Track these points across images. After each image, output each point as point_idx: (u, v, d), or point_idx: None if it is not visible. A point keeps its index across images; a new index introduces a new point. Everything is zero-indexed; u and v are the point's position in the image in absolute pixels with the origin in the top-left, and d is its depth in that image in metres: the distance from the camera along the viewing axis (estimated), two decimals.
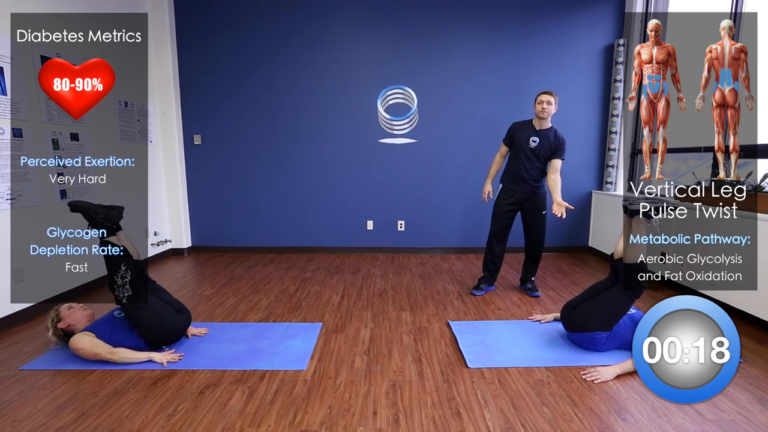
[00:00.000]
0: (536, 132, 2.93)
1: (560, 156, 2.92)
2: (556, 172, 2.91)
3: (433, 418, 1.66)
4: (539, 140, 2.91)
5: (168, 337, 2.20)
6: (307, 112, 4.25)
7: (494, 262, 3.13)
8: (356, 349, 2.24)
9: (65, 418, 1.66)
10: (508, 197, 3.03)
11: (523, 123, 3.02)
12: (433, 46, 4.16)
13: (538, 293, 3.10)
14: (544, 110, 2.86)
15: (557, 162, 2.92)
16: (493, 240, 3.11)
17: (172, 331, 2.22)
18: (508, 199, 3.03)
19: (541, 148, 2.91)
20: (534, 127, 2.95)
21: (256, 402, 1.76)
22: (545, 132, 2.92)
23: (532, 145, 2.92)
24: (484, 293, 3.15)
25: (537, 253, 3.12)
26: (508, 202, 3.03)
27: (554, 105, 2.87)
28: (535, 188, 3.00)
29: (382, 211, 4.40)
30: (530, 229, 3.08)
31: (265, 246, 4.48)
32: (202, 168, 4.35)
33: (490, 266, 3.14)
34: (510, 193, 3.03)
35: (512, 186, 3.02)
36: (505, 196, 3.05)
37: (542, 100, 2.86)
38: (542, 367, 2.04)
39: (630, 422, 1.62)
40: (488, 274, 3.16)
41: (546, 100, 2.84)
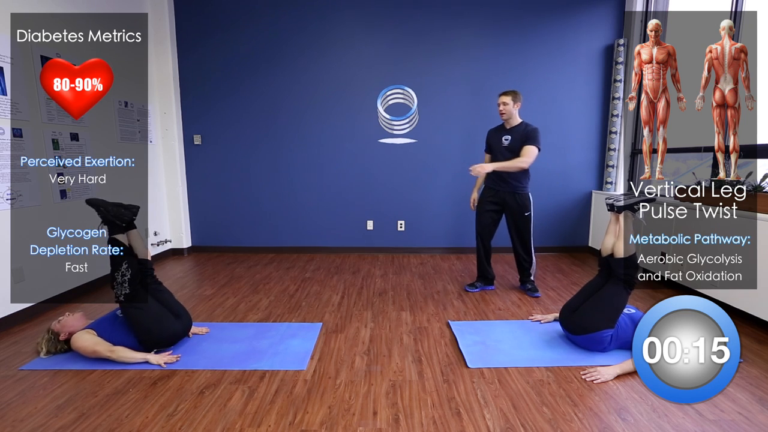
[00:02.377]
0: (507, 131, 3.03)
1: (531, 142, 2.93)
2: (523, 155, 2.92)
3: (433, 418, 1.66)
4: (511, 137, 2.99)
5: (160, 341, 2.16)
6: (307, 112, 4.25)
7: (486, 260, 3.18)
8: (356, 349, 2.24)
9: (65, 418, 1.66)
10: (489, 196, 3.09)
11: (495, 128, 3.14)
12: (433, 46, 4.16)
13: (538, 293, 3.11)
14: (502, 111, 2.97)
15: (527, 148, 2.92)
16: (478, 238, 3.17)
17: (165, 335, 2.17)
18: (490, 198, 3.09)
19: (514, 143, 2.97)
20: (505, 128, 3.05)
21: (256, 402, 1.76)
22: (515, 128, 3.00)
23: (505, 143, 3.00)
24: (478, 290, 3.18)
25: (524, 255, 3.13)
26: (490, 200, 3.09)
27: (512, 104, 2.94)
28: (516, 188, 3.01)
29: (382, 211, 4.40)
30: (514, 231, 3.10)
31: (265, 246, 4.48)
32: (202, 168, 4.35)
33: (484, 264, 3.19)
34: (491, 192, 3.09)
35: (493, 185, 3.07)
36: (487, 195, 3.11)
37: (499, 102, 2.98)
38: (542, 367, 2.04)
39: (630, 422, 1.62)
40: (481, 272, 3.22)
41: (502, 101, 2.96)
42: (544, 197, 4.38)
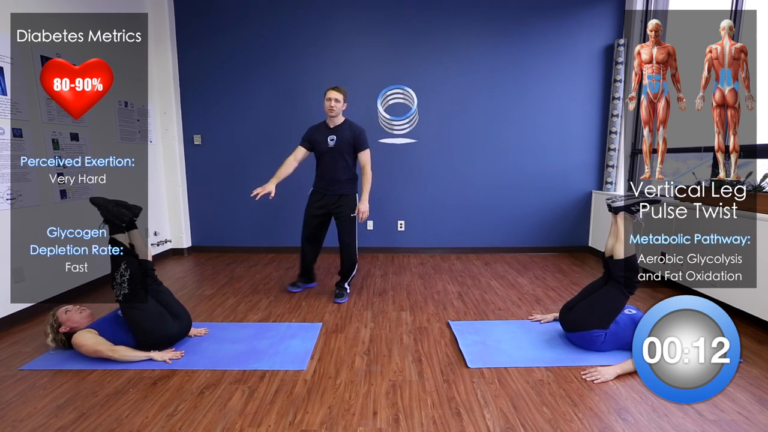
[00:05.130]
0: (331, 130, 2.90)
1: (363, 147, 2.88)
2: (365, 165, 2.88)
3: (433, 418, 1.66)
4: (336, 137, 2.87)
5: (158, 342, 2.15)
6: (307, 112, 4.24)
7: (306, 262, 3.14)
8: (356, 349, 2.24)
9: (65, 418, 1.66)
10: (317, 200, 2.99)
11: (317, 126, 2.98)
12: (433, 46, 4.16)
13: (343, 299, 2.96)
14: (332, 108, 2.81)
15: (363, 155, 2.89)
16: (304, 243, 3.09)
17: (163, 337, 2.17)
18: (317, 203, 2.99)
19: (342, 144, 2.87)
20: (328, 126, 2.92)
21: (256, 402, 1.76)
22: (340, 128, 2.89)
23: (330, 144, 2.88)
24: (301, 290, 3.16)
25: (347, 256, 3.02)
26: (318, 205, 2.99)
27: (342, 102, 2.83)
28: (345, 191, 2.95)
29: (382, 211, 4.40)
30: (339, 232, 3.00)
31: (265, 246, 4.48)
32: (202, 168, 4.35)
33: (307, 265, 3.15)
34: (319, 196, 2.99)
35: (322, 189, 2.98)
36: (315, 199, 3.00)
37: (330, 97, 2.79)
38: (542, 367, 2.04)
39: (630, 422, 1.62)
40: (302, 271, 3.17)
41: (334, 97, 2.79)
42: (544, 197, 4.39)
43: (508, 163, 4.33)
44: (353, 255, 3.03)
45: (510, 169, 4.34)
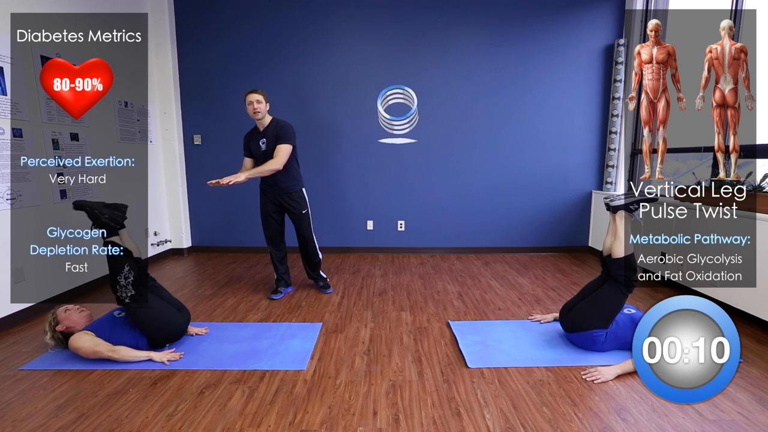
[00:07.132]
0: (261, 133, 2.89)
1: (283, 141, 2.81)
2: (275, 156, 2.79)
3: (433, 418, 1.66)
4: (266, 139, 2.87)
5: (171, 336, 2.22)
6: (307, 112, 4.25)
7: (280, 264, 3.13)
8: (356, 349, 2.24)
9: (65, 418, 1.66)
10: (268, 201, 3.01)
11: (249, 132, 2.98)
12: (433, 46, 4.16)
13: (331, 290, 3.17)
14: (257, 110, 2.80)
15: (280, 147, 2.80)
16: (270, 247, 3.11)
17: (175, 330, 2.23)
18: (269, 203, 3.01)
19: (270, 145, 2.85)
20: (259, 130, 2.91)
21: (256, 402, 1.76)
22: (268, 128, 2.88)
23: (263, 147, 2.87)
24: (283, 296, 3.11)
25: (309, 251, 3.10)
26: (271, 204, 3.00)
27: (264, 102, 2.82)
28: (289, 188, 2.95)
29: (382, 211, 4.40)
30: (297, 230, 3.06)
31: (265, 246, 4.44)
32: (202, 168, 4.35)
33: (279, 268, 3.13)
34: (268, 196, 3.01)
35: (267, 190, 3.00)
36: (266, 201, 3.02)
37: (251, 101, 2.78)
38: (542, 367, 2.04)
39: (630, 422, 1.62)
40: (278, 276, 3.14)
41: (255, 99, 2.78)
42: (544, 197, 4.39)
43: (508, 163, 4.33)
44: (315, 248, 3.11)
45: (510, 168, 4.34)
